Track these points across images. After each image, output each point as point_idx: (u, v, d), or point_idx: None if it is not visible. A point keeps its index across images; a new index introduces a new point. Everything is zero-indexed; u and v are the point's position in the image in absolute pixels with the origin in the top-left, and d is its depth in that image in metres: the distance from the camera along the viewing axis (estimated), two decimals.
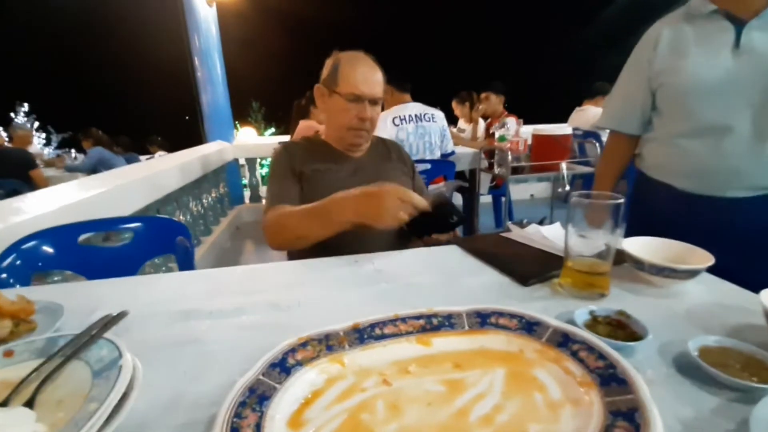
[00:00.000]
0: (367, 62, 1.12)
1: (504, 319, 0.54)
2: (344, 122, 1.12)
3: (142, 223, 1.16)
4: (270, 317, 0.63)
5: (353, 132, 1.13)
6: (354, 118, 1.10)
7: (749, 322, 0.57)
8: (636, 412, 0.37)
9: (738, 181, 0.99)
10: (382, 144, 1.28)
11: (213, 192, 3.76)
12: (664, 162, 1.11)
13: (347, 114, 1.10)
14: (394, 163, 1.25)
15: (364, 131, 1.14)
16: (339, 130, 1.15)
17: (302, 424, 0.40)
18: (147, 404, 0.45)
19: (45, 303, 0.66)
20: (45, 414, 0.40)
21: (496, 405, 0.42)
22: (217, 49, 4.10)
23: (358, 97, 1.09)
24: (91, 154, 4.26)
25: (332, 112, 1.15)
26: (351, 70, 1.09)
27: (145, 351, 0.54)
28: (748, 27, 0.95)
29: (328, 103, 1.14)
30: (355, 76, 1.08)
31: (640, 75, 1.12)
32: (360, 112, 1.10)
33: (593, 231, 0.63)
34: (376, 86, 1.11)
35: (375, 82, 1.11)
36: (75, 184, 1.97)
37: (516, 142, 2.94)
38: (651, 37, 1.10)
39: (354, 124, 1.11)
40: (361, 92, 1.08)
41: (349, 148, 1.18)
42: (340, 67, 1.10)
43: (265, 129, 9.03)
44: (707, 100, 0.99)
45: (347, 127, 1.13)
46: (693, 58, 1.01)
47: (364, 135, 1.16)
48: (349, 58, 1.11)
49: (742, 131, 0.96)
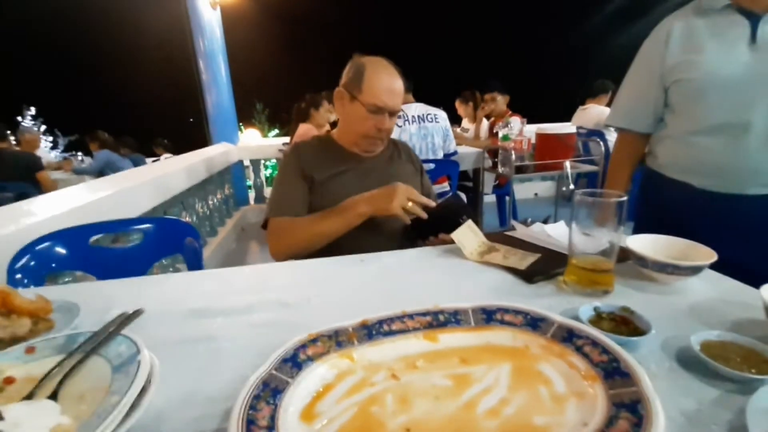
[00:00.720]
0: (390, 71, 1.10)
1: (509, 316, 0.55)
2: (362, 131, 1.12)
3: (152, 224, 1.18)
4: (280, 315, 0.65)
5: (369, 140, 1.14)
6: (372, 128, 1.10)
7: (750, 317, 0.58)
8: (639, 403, 0.38)
9: (758, 178, 0.97)
10: (392, 144, 1.29)
11: (218, 193, 3.79)
12: (681, 160, 1.09)
13: (366, 123, 1.10)
14: (404, 164, 1.26)
15: (379, 140, 1.15)
16: (354, 136, 1.15)
17: (315, 416, 0.42)
18: (163, 399, 0.47)
19: (61, 302, 0.68)
20: (68, 407, 0.42)
21: (502, 398, 0.43)
22: (221, 51, 4.14)
23: (381, 109, 1.08)
24: (99, 157, 4.31)
25: (351, 118, 1.13)
26: (377, 80, 1.07)
27: (160, 348, 0.55)
28: (763, 20, 0.93)
29: (347, 107, 1.12)
30: (380, 86, 1.07)
31: (651, 72, 1.10)
32: (379, 123, 1.09)
33: (597, 229, 0.64)
34: (398, 98, 1.10)
35: (398, 94, 1.10)
36: (83, 186, 2.00)
37: (520, 141, 2.94)
38: (662, 32, 1.08)
39: (372, 133, 1.11)
40: (384, 104, 1.07)
41: (363, 153, 1.18)
42: (365, 75, 1.07)
43: (268, 130, 9.07)
44: (725, 96, 0.97)
45: (364, 135, 1.13)
46: (709, 54, 0.99)
47: (379, 144, 1.17)
48: (374, 64, 1.09)
49: (761, 127, 0.94)
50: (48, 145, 9.16)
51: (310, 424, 0.41)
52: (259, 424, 0.38)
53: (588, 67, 20.37)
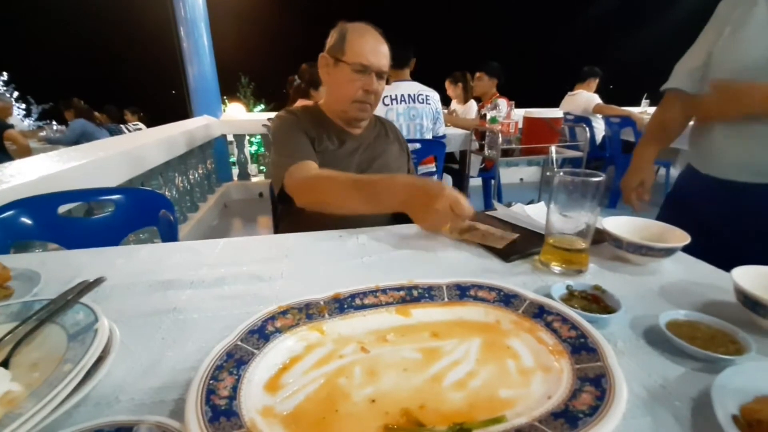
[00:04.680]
0: (374, 33, 1.09)
1: (483, 292, 0.55)
2: (349, 93, 1.08)
3: (123, 195, 1.14)
4: (252, 288, 0.63)
5: (357, 105, 1.10)
6: (359, 89, 1.07)
7: (721, 299, 0.59)
8: (603, 377, 0.38)
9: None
10: (379, 123, 1.26)
11: (200, 168, 3.69)
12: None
13: (352, 85, 1.07)
14: (391, 144, 1.23)
15: (368, 104, 1.11)
16: (342, 102, 1.11)
17: (279, 387, 0.41)
18: (124, 369, 0.45)
19: (22, 270, 0.65)
20: (20, 375, 0.40)
21: (470, 371, 0.43)
22: (203, 19, 3.96)
23: (366, 67, 1.05)
24: (73, 126, 4.14)
25: (337, 83, 1.10)
26: (359, 39, 1.06)
27: (124, 318, 0.54)
28: None
29: (333, 73, 1.10)
30: (364, 45, 1.05)
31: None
32: (366, 84, 1.07)
33: (575, 210, 0.64)
34: (383, 58, 1.08)
35: (383, 54, 1.08)
36: (55, 155, 1.92)
37: (507, 124, 2.93)
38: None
39: (359, 96, 1.08)
40: (369, 62, 1.05)
41: (351, 122, 1.14)
42: (348, 36, 1.06)
43: (254, 105, 8.84)
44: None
45: (352, 100, 1.09)
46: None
47: (368, 109, 1.12)
48: (357, 27, 1.08)
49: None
50: (21, 113, 8.76)
51: (275, 394, 0.40)
52: (220, 394, 0.37)
53: (580, 53, 20.31)
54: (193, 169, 3.53)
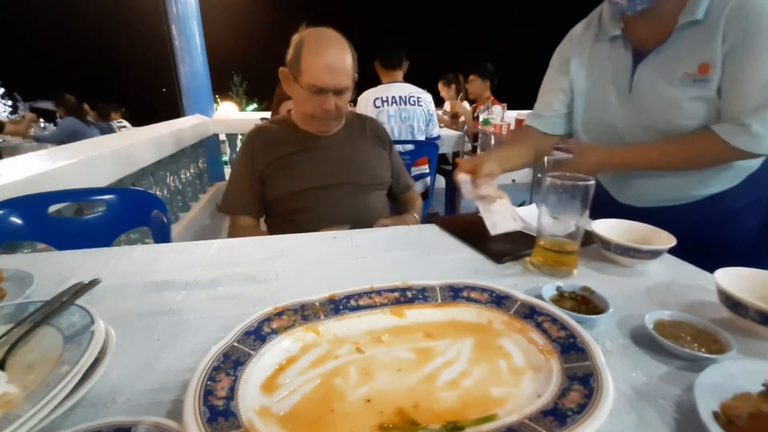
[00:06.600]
0: (332, 46, 1.02)
1: (476, 293, 0.56)
2: (308, 111, 1.08)
3: (115, 195, 1.13)
4: (247, 289, 0.64)
5: (318, 121, 1.10)
6: (317, 108, 1.06)
7: (705, 300, 0.61)
8: (591, 376, 0.39)
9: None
10: (358, 120, 1.25)
11: (191, 167, 3.66)
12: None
13: (310, 104, 1.06)
14: (369, 139, 1.22)
15: (331, 120, 1.11)
16: (305, 117, 1.12)
17: (276, 387, 0.41)
18: (120, 370, 0.45)
19: (14, 271, 0.65)
20: (16, 376, 0.40)
21: (462, 371, 0.44)
22: (195, 17, 3.93)
23: (321, 89, 1.02)
24: (62, 125, 4.08)
25: (297, 99, 1.11)
26: (315, 59, 1.00)
27: (119, 320, 0.54)
28: (642, 64, 0.88)
29: (292, 87, 1.09)
30: (318, 64, 1.00)
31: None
32: (323, 104, 1.04)
33: (565, 212, 0.66)
34: (340, 76, 1.02)
35: (340, 71, 1.02)
36: (44, 153, 1.89)
37: (500, 126, 2.96)
38: (561, 59, 1.04)
39: (318, 114, 1.07)
40: (324, 84, 1.01)
41: (317, 132, 1.15)
42: (302, 54, 1.01)
43: (246, 104, 8.78)
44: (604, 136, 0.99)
45: (312, 117, 1.09)
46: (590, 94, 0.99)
47: (332, 123, 1.13)
48: (314, 40, 1.02)
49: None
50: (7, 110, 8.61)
51: (271, 395, 0.41)
52: (217, 395, 0.38)
53: None
54: (185, 169, 3.49)
